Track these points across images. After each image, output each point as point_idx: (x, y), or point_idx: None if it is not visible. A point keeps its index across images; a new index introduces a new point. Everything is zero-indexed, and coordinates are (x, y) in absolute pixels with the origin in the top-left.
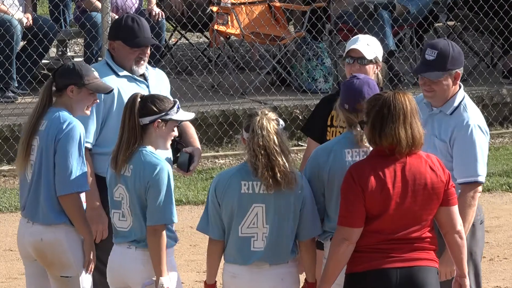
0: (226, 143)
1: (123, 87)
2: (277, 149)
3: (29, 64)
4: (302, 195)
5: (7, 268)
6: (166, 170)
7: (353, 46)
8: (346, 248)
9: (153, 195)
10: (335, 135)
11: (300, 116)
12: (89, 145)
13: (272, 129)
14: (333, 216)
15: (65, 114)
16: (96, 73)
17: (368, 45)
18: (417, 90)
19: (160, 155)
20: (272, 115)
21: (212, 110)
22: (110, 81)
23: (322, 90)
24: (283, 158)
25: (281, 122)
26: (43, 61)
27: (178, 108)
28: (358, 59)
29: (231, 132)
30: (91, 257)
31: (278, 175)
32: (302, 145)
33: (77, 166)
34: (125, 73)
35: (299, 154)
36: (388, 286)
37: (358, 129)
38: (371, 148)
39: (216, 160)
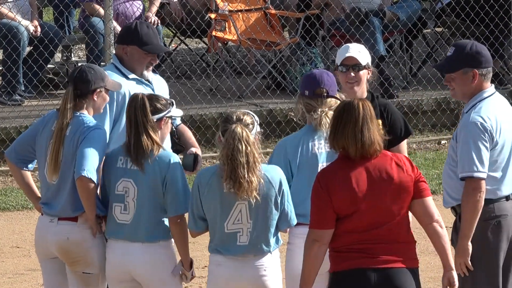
0: None
1: (132, 90)
2: (242, 160)
3: (35, 68)
4: (280, 191)
5: (14, 264)
6: (178, 161)
7: (347, 55)
8: (318, 249)
9: (172, 187)
10: None
11: (294, 119)
12: None
13: (244, 139)
14: (298, 203)
15: (88, 119)
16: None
17: (359, 52)
18: (406, 94)
19: None
20: (247, 119)
21: (210, 112)
22: (121, 83)
23: None
24: (249, 169)
25: (256, 121)
26: (49, 65)
27: (174, 105)
28: (353, 66)
29: None
30: (94, 228)
31: (239, 185)
32: None
33: (94, 159)
34: (133, 76)
35: None
36: (366, 286)
37: (319, 112)
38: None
39: (214, 161)
